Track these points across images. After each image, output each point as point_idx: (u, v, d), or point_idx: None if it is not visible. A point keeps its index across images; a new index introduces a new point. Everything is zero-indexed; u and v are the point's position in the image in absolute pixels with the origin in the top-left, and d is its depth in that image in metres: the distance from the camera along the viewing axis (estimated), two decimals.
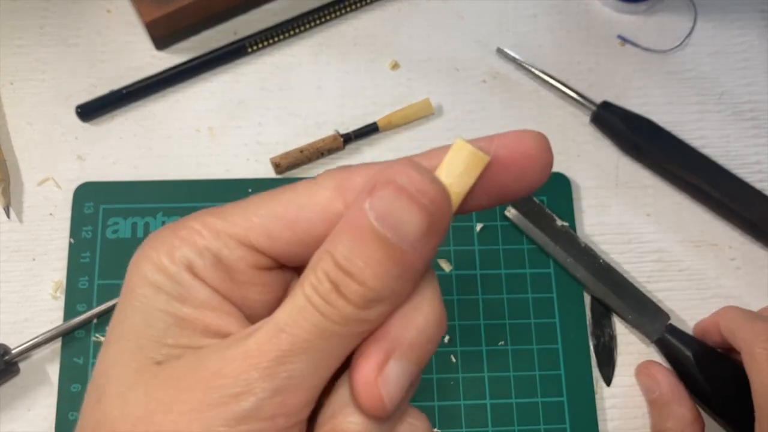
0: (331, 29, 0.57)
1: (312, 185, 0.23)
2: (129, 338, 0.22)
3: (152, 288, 0.22)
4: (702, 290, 0.51)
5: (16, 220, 0.50)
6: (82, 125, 0.53)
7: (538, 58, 0.56)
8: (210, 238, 0.23)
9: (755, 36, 0.58)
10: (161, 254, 0.23)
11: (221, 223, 0.23)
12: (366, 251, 0.20)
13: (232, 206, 0.24)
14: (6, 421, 0.46)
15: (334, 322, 0.20)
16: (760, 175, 0.54)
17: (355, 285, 0.20)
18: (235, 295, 0.23)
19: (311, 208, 0.23)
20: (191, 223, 0.23)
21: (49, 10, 0.56)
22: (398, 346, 0.21)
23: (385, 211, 0.20)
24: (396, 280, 0.21)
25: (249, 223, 0.23)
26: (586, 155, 0.54)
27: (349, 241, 0.20)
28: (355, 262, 0.20)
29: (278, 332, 0.21)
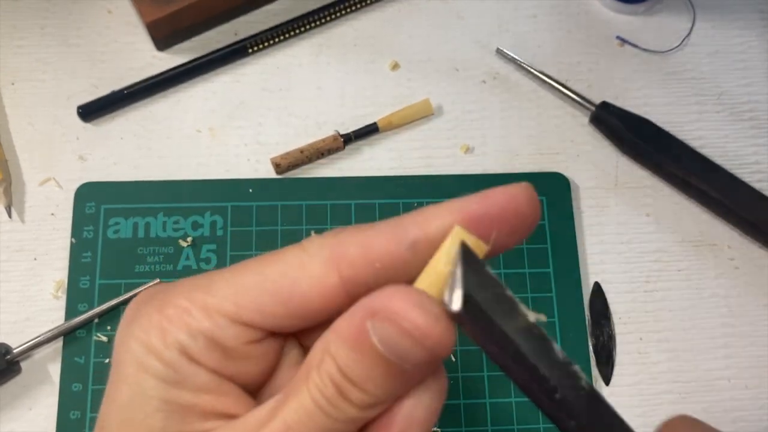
0: (331, 30, 0.57)
1: (302, 256, 0.22)
2: (129, 428, 0.22)
3: (147, 374, 0.22)
4: (701, 290, 0.51)
5: (17, 219, 0.51)
6: (83, 125, 0.53)
7: (537, 58, 0.56)
8: (201, 318, 0.22)
9: (754, 36, 0.58)
10: (152, 336, 0.22)
11: (210, 299, 0.22)
12: (368, 365, 0.20)
13: (218, 278, 0.23)
14: (7, 421, 0.46)
15: (339, 422, 0.21)
16: (759, 175, 0.54)
17: (357, 391, 0.21)
18: (231, 371, 0.23)
19: (305, 282, 0.22)
20: (178, 300, 0.22)
21: (50, 10, 0.56)
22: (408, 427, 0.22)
23: (387, 340, 0.20)
24: (395, 389, 0.21)
25: (240, 299, 0.22)
26: (585, 155, 0.54)
27: (350, 351, 0.21)
28: (357, 373, 0.21)
29: (285, 428, 0.21)
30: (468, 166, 0.54)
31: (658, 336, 0.50)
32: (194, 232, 0.50)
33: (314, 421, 0.21)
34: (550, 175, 0.53)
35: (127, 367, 0.22)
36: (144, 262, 0.49)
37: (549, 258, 0.51)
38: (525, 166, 0.54)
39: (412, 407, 0.22)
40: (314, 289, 0.22)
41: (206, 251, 0.50)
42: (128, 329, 0.23)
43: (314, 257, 0.22)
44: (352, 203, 0.51)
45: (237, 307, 0.22)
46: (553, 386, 0.21)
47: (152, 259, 0.49)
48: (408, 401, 0.22)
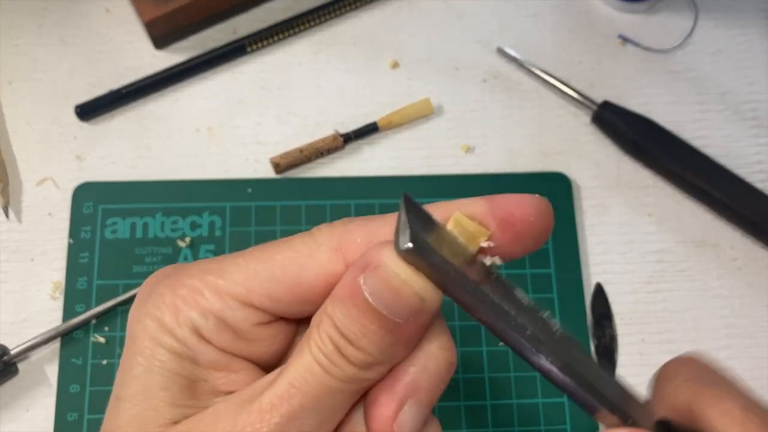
0: (330, 28, 0.57)
1: (311, 244, 0.23)
2: (143, 399, 0.23)
3: (164, 350, 0.23)
4: (703, 291, 0.51)
5: (14, 220, 0.50)
6: (81, 125, 0.53)
7: (538, 57, 0.56)
8: (212, 299, 0.23)
9: (756, 35, 0.58)
10: (165, 315, 0.23)
11: (222, 282, 0.23)
12: (361, 321, 0.21)
13: (229, 262, 0.24)
14: (5, 422, 0.46)
15: (339, 380, 0.22)
16: (762, 174, 0.54)
17: (353, 349, 0.21)
18: (241, 351, 0.24)
19: (312, 270, 0.23)
20: (191, 281, 0.23)
21: (48, 9, 0.56)
22: (413, 392, 0.22)
23: (377, 291, 0.21)
24: (391, 346, 0.22)
25: (250, 284, 0.23)
26: (586, 155, 0.54)
27: (345, 309, 0.21)
28: (352, 330, 0.21)
29: (289, 389, 0.22)
30: (468, 166, 0.53)
31: (660, 337, 0.50)
32: (192, 232, 0.50)
33: (316, 379, 0.22)
34: (552, 175, 0.53)
35: (142, 341, 0.23)
36: (142, 263, 0.49)
37: (550, 258, 0.50)
38: (526, 165, 0.53)
39: (416, 373, 0.23)
40: (321, 277, 0.23)
41: (205, 251, 0.49)
42: (143, 306, 0.24)
43: (322, 246, 0.23)
44: (352, 203, 0.51)
45: (247, 291, 0.23)
46: (521, 323, 0.22)
47: (150, 259, 0.49)
48: (411, 367, 0.23)
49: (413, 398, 0.22)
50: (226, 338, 0.23)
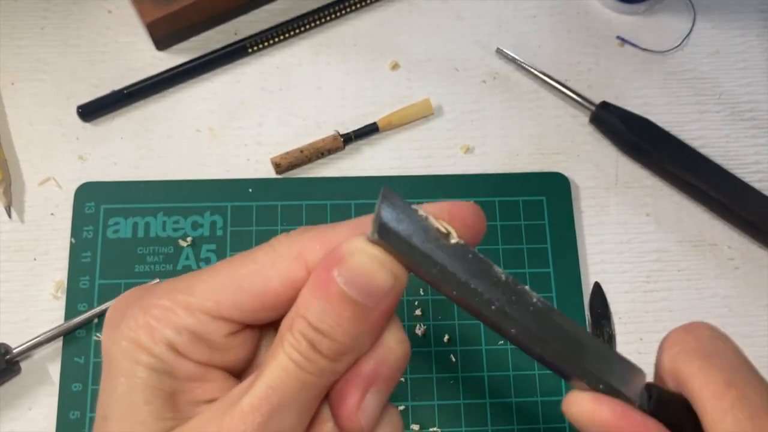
0: (331, 30, 0.57)
1: (273, 255, 0.25)
2: (129, 415, 0.24)
3: (143, 367, 0.24)
4: (701, 290, 0.51)
5: (17, 220, 0.51)
6: (83, 125, 0.53)
7: (537, 58, 0.56)
8: (184, 315, 0.24)
9: (754, 36, 0.58)
10: (140, 335, 0.24)
11: (192, 299, 0.25)
12: (336, 312, 0.23)
13: (196, 279, 0.25)
14: (7, 421, 0.46)
15: (313, 375, 0.23)
16: (759, 174, 0.54)
17: (327, 341, 0.23)
18: (215, 361, 0.25)
19: (276, 279, 0.25)
20: (161, 301, 0.25)
21: (50, 10, 0.56)
22: (374, 381, 0.24)
23: (353, 276, 0.23)
24: (361, 334, 0.23)
25: (218, 297, 0.25)
26: (585, 155, 0.54)
27: (320, 304, 0.23)
28: (327, 323, 0.23)
29: (267, 389, 0.23)
30: (468, 166, 0.54)
31: (658, 336, 0.49)
32: (194, 232, 0.50)
33: (291, 376, 0.23)
34: (550, 174, 0.53)
35: (121, 361, 0.24)
36: (144, 262, 0.49)
37: (549, 258, 0.51)
38: (525, 166, 0.54)
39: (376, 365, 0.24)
40: (285, 285, 0.25)
41: (206, 251, 0.50)
42: (116, 330, 0.25)
43: (284, 255, 0.25)
44: (352, 203, 0.51)
45: (216, 304, 0.25)
46: (488, 299, 0.23)
47: (152, 259, 0.49)
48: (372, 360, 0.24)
49: (374, 387, 0.24)
50: (201, 351, 0.25)
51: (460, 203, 0.26)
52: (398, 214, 0.23)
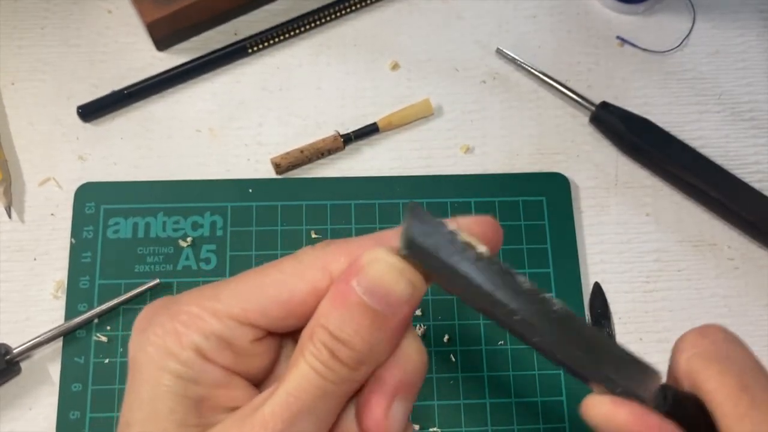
0: (331, 30, 0.57)
1: (299, 266, 0.26)
2: (153, 422, 0.25)
3: (169, 374, 0.25)
4: (701, 290, 0.51)
5: (17, 220, 0.51)
6: (83, 125, 0.53)
7: (537, 58, 0.56)
8: (212, 321, 0.25)
9: (754, 36, 0.58)
10: (168, 341, 0.25)
11: (219, 305, 0.25)
12: (355, 321, 0.24)
13: (222, 288, 0.26)
14: (7, 421, 0.46)
15: (333, 383, 0.24)
16: (759, 175, 0.54)
17: (347, 350, 0.24)
18: (239, 367, 0.26)
19: (302, 288, 0.25)
20: (189, 308, 0.26)
21: (50, 10, 0.56)
22: (399, 390, 0.25)
23: (372, 286, 0.24)
24: (380, 343, 0.24)
25: (245, 304, 0.25)
26: (585, 155, 0.54)
27: (340, 314, 0.24)
28: (346, 332, 0.24)
29: (287, 397, 0.24)
30: (468, 166, 0.54)
31: (658, 336, 0.50)
32: (194, 232, 0.50)
33: (312, 385, 0.24)
34: (550, 175, 0.53)
35: (146, 369, 0.25)
36: (144, 262, 0.49)
37: (549, 258, 0.51)
38: (525, 166, 0.54)
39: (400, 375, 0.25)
40: (311, 294, 0.25)
41: (206, 251, 0.50)
42: (143, 336, 0.26)
43: (309, 267, 0.26)
44: (352, 203, 0.51)
45: (243, 311, 0.25)
46: (511, 309, 0.24)
47: (152, 259, 0.49)
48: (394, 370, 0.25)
49: (399, 395, 0.25)
50: (227, 356, 0.25)
51: (479, 218, 0.27)
52: (426, 229, 0.24)
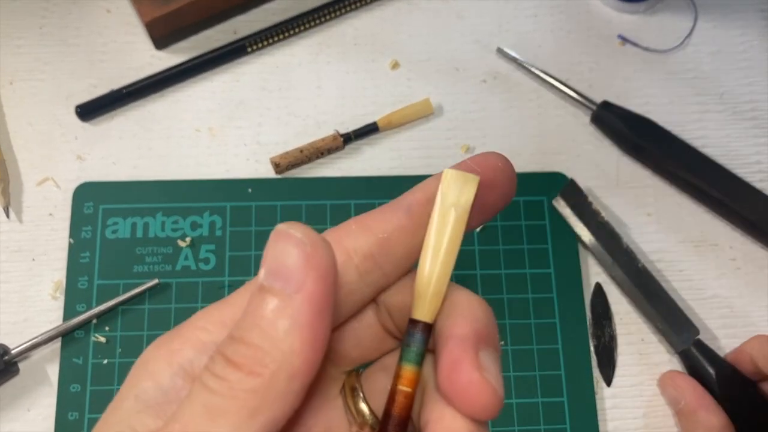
0: (331, 29, 0.57)
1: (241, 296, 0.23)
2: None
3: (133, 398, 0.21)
4: (702, 290, 0.51)
5: (15, 220, 0.50)
6: (82, 125, 0.53)
7: (538, 58, 0.56)
8: (216, 331, 0.22)
9: (756, 35, 0.58)
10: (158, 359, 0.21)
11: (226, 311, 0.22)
12: (254, 310, 0.19)
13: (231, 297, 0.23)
14: (6, 421, 0.46)
15: (223, 396, 0.19)
16: (761, 174, 0.54)
17: (242, 348, 0.19)
18: None
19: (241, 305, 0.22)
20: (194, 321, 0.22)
21: (49, 10, 0.56)
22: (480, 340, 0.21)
23: (267, 262, 0.19)
24: (285, 334, 0.19)
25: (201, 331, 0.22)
26: (586, 155, 0.54)
27: (242, 314, 0.20)
28: (244, 327, 0.19)
29: (173, 425, 0.19)
30: None
31: (659, 337, 0.50)
32: (193, 232, 0.50)
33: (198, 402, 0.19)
34: (551, 174, 0.53)
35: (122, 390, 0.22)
36: (142, 263, 0.49)
37: (550, 258, 0.50)
38: (526, 165, 0.54)
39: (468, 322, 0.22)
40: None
41: (205, 251, 0.49)
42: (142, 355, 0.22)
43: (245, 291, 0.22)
44: (352, 203, 0.51)
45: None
46: None
47: (151, 259, 0.49)
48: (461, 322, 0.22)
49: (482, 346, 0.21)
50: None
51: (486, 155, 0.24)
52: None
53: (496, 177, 0.24)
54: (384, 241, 0.23)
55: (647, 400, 0.48)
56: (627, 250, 0.50)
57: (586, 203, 0.51)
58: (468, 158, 0.24)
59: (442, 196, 0.23)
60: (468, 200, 0.23)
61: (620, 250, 0.50)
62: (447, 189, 0.23)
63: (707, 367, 0.46)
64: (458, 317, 0.22)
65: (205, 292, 0.49)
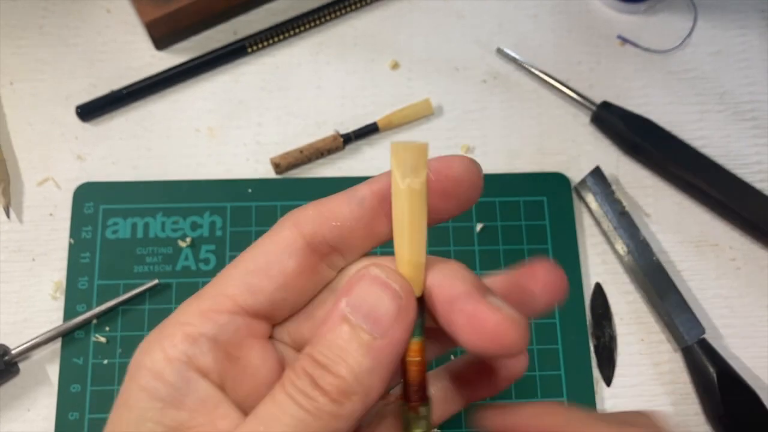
0: (330, 29, 0.57)
1: (270, 232, 0.25)
2: None
3: (147, 396, 0.22)
4: (702, 290, 0.51)
5: (15, 220, 0.50)
6: (82, 125, 0.53)
7: (538, 58, 0.56)
8: (199, 322, 0.23)
9: (755, 36, 0.58)
10: (155, 358, 0.22)
11: (204, 303, 0.23)
12: (340, 344, 0.21)
13: (204, 289, 0.24)
14: (6, 422, 0.46)
15: (311, 414, 0.21)
16: (761, 175, 0.54)
17: (330, 377, 0.21)
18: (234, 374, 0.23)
19: (276, 251, 0.24)
20: (175, 318, 0.23)
21: (49, 9, 0.56)
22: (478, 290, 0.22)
23: (359, 302, 0.22)
24: (368, 373, 0.21)
25: (228, 288, 0.23)
26: (586, 155, 0.54)
27: (326, 338, 0.22)
28: (329, 356, 0.21)
29: (257, 425, 0.21)
30: None
31: (659, 337, 0.50)
32: (193, 232, 0.50)
33: (285, 412, 0.21)
34: (551, 175, 0.53)
35: (129, 393, 0.23)
36: (143, 263, 0.49)
37: (550, 258, 0.50)
38: (525, 166, 0.54)
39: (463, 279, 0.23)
40: (285, 254, 0.24)
41: (205, 251, 0.49)
42: (133, 360, 0.23)
43: (281, 227, 0.24)
44: None
45: (227, 296, 0.23)
46: None
47: (151, 259, 0.49)
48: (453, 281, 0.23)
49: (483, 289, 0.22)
50: (219, 358, 0.23)
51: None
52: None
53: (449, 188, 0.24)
54: (337, 229, 0.24)
55: (647, 400, 0.48)
56: (644, 242, 0.50)
57: (609, 191, 0.51)
58: (431, 159, 0.24)
59: (396, 171, 0.23)
60: (422, 169, 0.23)
61: (638, 241, 0.50)
62: (399, 162, 0.23)
63: (709, 366, 0.47)
64: (452, 280, 0.23)
65: None
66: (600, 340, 0.49)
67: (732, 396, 0.46)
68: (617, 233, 0.50)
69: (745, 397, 0.46)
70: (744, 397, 0.46)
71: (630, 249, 0.50)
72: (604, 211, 0.51)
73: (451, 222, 0.51)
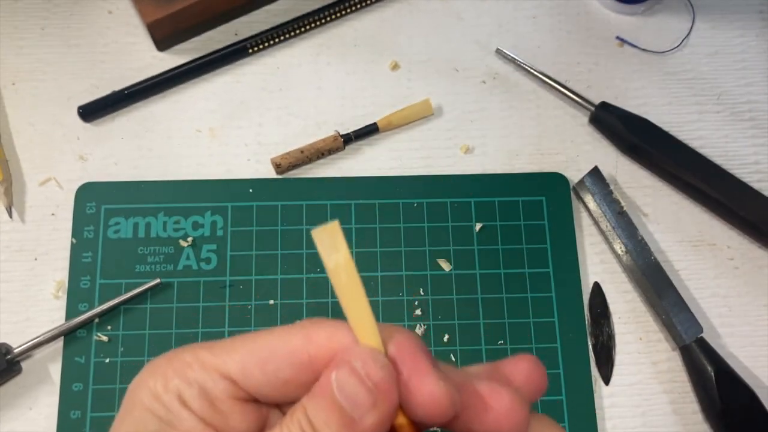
0: (331, 30, 0.57)
1: (287, 331, 0.26)
2: None
3: (147, 412, 0.25)
4: (700, 290, 0.51)
5: (18, 220, 0.51)
6: (84, 126, 0.53)
7: (537, 58, 0.56)
8: (198, 371, 0.26)
9: (753, 36, 0.58)
10: (157, 383, 0.26)
11: (209, 357, 0.26)
12: (327, 413, 0.24)
13: (223, 342, 0.26)
14: (8, 420, 0.46)
15: None
16: (759, 175, 0.54)
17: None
18: (216, 422, 0.26)
19: (281, 352, 0.26)
20: (185, 355, 0.26)
21: (51, 11, 0.56)
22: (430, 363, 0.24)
23: (343, 385, 0.24)
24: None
25: (230, 358, 0.26)
26: (584, 155, 0.54)
27: (318, 400, 0.24)
28: (318, 421, 0.24)
29: None
30: (468, 166, 0.54)
31: (657, 336, 0.50)
32: (194, 232, 0.50)
33: None
34: (550, 175, 0.53)
35: (133, 407, 0.26)
36: (144, 262, 0.49)
37: (549, 258, 0.51)
38: (525, 166, 0.54)
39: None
40: (287, 360, 0.25)
41: (206, 251, 0.50)
42: (141, 377, 0.26)
43: (295, 333, 0.26)
44: (352, 203, 0.51)
45: (227, 365, 0.26)
46: None
47: (153, 259, 0.49)
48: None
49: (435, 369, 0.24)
50: (204, 406, 0.25)
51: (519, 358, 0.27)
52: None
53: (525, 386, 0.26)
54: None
55: (645, 398, 0.49)
56: (642, 241, 0.50)
57: (607, 191, 0.51)
58: (499, 362, 0.26)
59: (323, 253, 0.24)
60: (341, 246, 0.24)
61: (636, 240, 0.50)
62: (321, 245, 0.24)
63: (707, 365, 0.47)
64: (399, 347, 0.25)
65: (206, 292, 0.49)
66: (598, 339, 0.50)
67: (730, 394, 0.46)
68: (616, 233, 0.51)
69: (743, 396, 0.46)
70: (742, 396, 0.46)
71: (628, 248, 0.50)
72: (603, 210, 0.51)
73: (451, 222, 0.51)
